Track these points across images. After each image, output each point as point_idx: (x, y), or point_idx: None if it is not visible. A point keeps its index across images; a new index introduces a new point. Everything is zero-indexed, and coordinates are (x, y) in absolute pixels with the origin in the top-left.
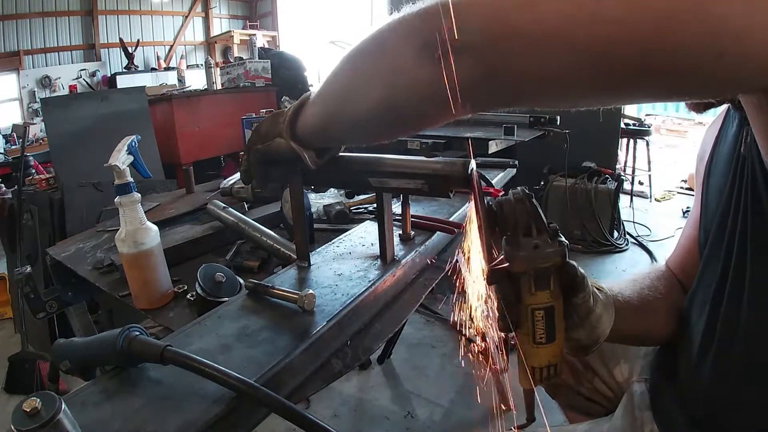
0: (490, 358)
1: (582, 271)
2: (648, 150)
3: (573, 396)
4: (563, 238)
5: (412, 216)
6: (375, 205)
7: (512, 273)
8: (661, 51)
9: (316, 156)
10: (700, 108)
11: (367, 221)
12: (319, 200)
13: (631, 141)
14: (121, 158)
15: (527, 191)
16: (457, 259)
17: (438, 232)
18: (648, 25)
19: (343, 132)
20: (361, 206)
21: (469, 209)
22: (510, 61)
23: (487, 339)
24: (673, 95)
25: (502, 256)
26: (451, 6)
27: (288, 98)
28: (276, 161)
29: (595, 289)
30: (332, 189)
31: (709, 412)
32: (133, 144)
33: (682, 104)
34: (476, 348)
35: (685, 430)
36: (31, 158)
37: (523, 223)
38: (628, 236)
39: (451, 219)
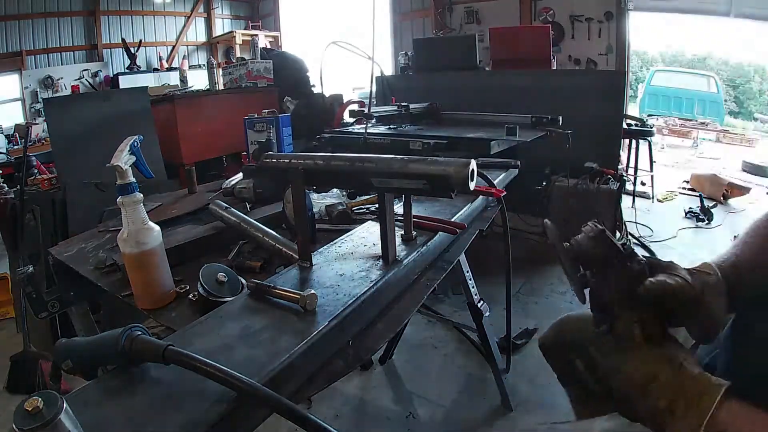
0: None
1: (666, 281)
2: (650, 150)
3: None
4: (638, 255)
5: (415, 216)
6: (377, 205)
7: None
8: None
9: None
10: None
11: (369, 221)
12: (320, 201)
13: (634, 141)
14: (123, 158)
15: (599, 226)
16: None
17: (440, 233)
18: None
19: None
20: (362, 207)
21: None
22: None
23: None
24: None
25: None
26: None
27: (290, 98)
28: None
29: (699, 274)
30: (334, 189)
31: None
32: (136, 144)
33: (684, 106)
34: None
35: None
36: (33, 158)
37: (603, 257)
38: (630, 237)
39: (453, 219)
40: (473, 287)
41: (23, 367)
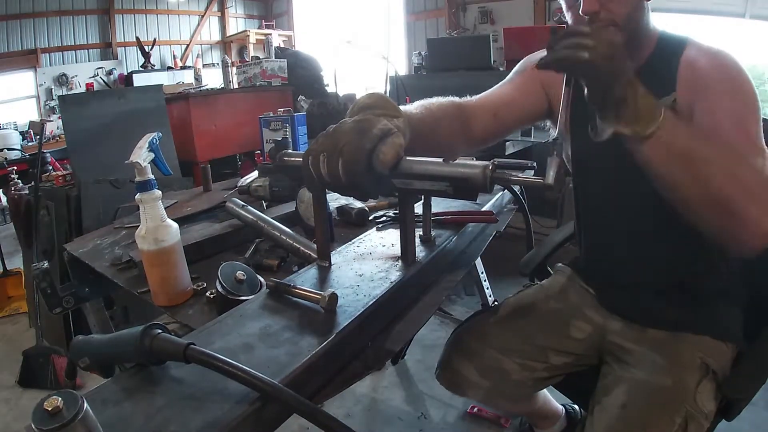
0: None
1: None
2: None
3: (493, 395)
4: None
5: (439, 213)
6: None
7: None
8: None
9: None
10: None
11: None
12: (332, 201)
13: None
14: (142, 155)
15: None
16: None
17: (457, 234)
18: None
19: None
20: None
21: None
22: None
23: None
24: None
25: None
26: None
27: (303, 98)
28: None
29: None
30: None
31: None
32: (155, 141)
33: None
34: None
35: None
36: (48, 155)
37: None
38: None
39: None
40: (487, 288)
41: (36, 362)
